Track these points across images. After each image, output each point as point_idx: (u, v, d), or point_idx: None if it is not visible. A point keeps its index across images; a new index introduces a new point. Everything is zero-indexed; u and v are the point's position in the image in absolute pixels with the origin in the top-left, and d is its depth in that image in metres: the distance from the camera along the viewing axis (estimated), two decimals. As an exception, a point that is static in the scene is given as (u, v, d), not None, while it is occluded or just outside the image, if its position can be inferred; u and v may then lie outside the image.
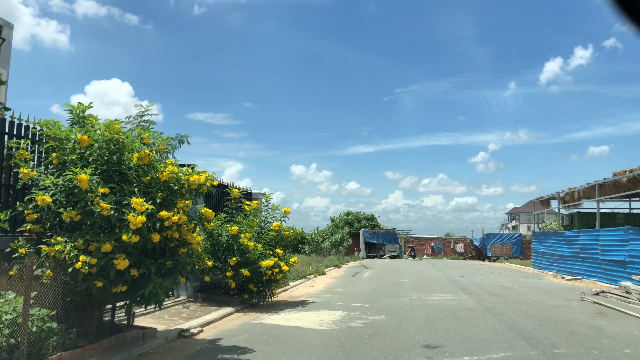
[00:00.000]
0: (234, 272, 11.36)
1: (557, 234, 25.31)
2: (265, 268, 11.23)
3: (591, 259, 20.57)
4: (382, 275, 22.18)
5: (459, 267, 29.13)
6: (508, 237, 41.01)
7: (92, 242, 5.90)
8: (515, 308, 11.65)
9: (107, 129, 6.40)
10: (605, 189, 21.11)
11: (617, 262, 18.15)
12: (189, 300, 11.85)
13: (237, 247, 11.39)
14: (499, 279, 20.78)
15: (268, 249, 11.98)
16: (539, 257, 28.20)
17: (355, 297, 13.69)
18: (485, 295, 14.35)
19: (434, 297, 13.62)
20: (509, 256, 39.69)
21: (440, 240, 45.74)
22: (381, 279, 19.82)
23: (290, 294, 14.79)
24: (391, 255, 41.95)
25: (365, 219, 45.43)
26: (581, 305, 12.68)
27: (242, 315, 10.62)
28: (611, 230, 19.01)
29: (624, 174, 19.12)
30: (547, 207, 29.35)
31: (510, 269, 29.40)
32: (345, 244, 39.43)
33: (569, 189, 25.17)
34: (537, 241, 28.82)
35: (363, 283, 18.21)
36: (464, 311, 11.08)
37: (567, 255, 23.39)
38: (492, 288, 16.46)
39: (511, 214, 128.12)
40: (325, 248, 37.60)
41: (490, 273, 24.52)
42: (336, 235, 38.76)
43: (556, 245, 25.16)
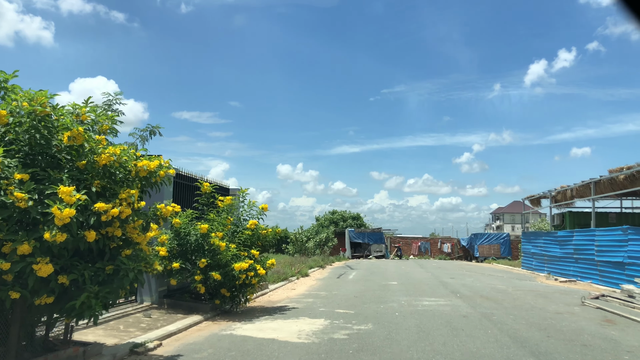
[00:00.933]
0: (203, 276, 10.13)
1: (549, 234, 24.43)
2: (239, 271, 10.02)
3: (586, 260, 19.67)
4: (368, 276, 21.08)
5: (447, 268, 28.15)
6: (496, 237, 40.22)
7: (5, 241, 4.67)
8: (515, 315, 10.59)
9: (31, 101, 5.15)
10: (601, 187, 20.24)
11: (614, 263, 17.24)
12: (153, 307, 10.59)
13: (208, 248, 10.17)
14: (491, 281, 19.80)
15: (243, 250, 10.78)
16: (529, 258, 27.33)
17: (339, 302, 12.54)
18: (479, 299, 13.29)
19: (425, 302, 12.52)
20: (497, 256, 38.89)
21: (427, 240, 44.83)
22: (367, 281, 18.70)
23: (269, 299, 13.60)
24: (377, 255, 40.91)
25: (350, 218, 44.33)
26: (584, 310, 11.68)
27: (212, 325, 9.39)
28: (608, 230, 18.11)
29: (621, 171, 18.24)
30: (537, 205, 28.52)
31: (500, 269, 28.50)
32: (331, 243, 38.27)
33: (562, 187, 24.31)
34: (527, 241, 27.95)
35: (348, 286, 17.08)
36: (460, 319, 9.98)
37: (560, 256, 22.51)
38: (486, 291, 15.43)
39: (495, 214, 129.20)
40: (310, 248, 36.39)
41: (480, 274, 23.56)
42: (321, 235, 37.58)
43: (548, 246, 24.28)
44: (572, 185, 22.76)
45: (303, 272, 21.14)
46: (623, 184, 18.63)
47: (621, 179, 18.41)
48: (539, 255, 25.55)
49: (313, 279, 19.81)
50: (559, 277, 21.59)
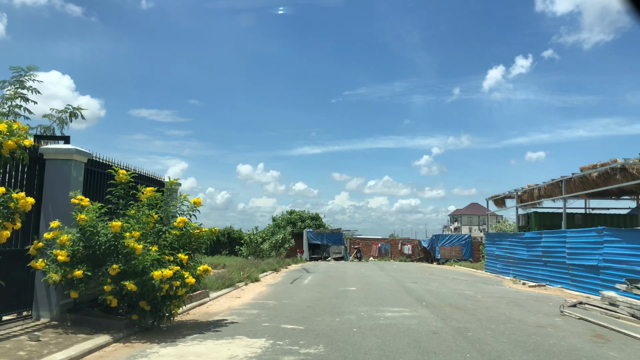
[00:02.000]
0: (115, 286, 8.10)
1: (515, 236, 23.30)
2: (160, 280, 8.02)
3: (556, 264, 18.50)
4: (325, 281, 19.32)
5: (408, 271, 26.72)
6: (457, 238, 39.25)
7: None
8: (493, 330, 9.00)
9: None
10: (571, 186, 19.15)
11: (588, 267, 16.06)
12: (51, 324, 8.45)
13: (122, 251, 8.14)
14: (456, 285, 18.37)
15: (168, 254, 8.78)
16: (493, 260, 26.22)
17: (288, 315, 10.69)
18: (448, 309, 11.70)
19: (388, 314, 10.82)
20: (459, 258, 37.90)
21: (387, 241, 43.54)
22: (324, 287, 16.93)
23: (207, 310, 11.62)
24: (336, 257, 39.27)
25: (309, 219, 42.54)
26: (567, 322, 10.24)
27: (121, 349, 7.37)
28: (581, 231, 16.95)
29: (595, 169, 17.12)
30: (502, 206, 27.47)
31: (463, 272, 27.29)
32: (287, 245, 36.38)
33: (528, 186, 23.24)
34: (491, 243, 26.85)
35: (302, 292, 15.26)
36: (430, 336, 8.31)
37: (527, 259, 21.36)
38: (453, 298, 13.90)
39: (453, 215, 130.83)
40: (265, 250, 34.39)
41: (444, 278, 22.17)
42: (277, 236, 35.62)
43: (514, 248, 23.14)
44: (540, 184, 21.66)
45: (253, 276, 19.18)
46: (595, 182, 17.53)
47: (594, 176, 17.29)
48: (504, 257, 24.42)
49: (263, 285, 17.88)
50: (527, 281, 20.40)
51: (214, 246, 42.47)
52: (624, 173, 15.82)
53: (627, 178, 15.71)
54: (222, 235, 41.23)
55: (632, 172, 15.46)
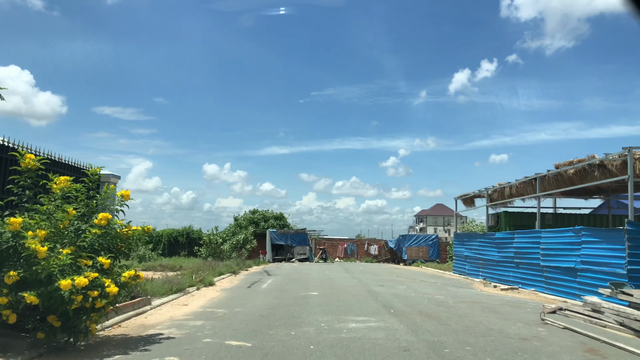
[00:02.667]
0: (12, 297, 6.49)
1: (485, 236, 22.39)
2: (69, 291, 6.45)
3: (529, 265, 17.58)
4: (286, 285, 17.90)
5: (375, 273, 25.55)
6: (424, 238, 38.42)
7: None
8: (472, 345, 7.77)
9: None
10: (544, 184, 18.27)
11: (564, 269, 15.13)
12: None
13: (24, 254, 6.54)
14: (425, 289, 17.23)
15: (87, 257, 7.20)
16: (462, 262, 25.30)
17: (237, 327, 9.23)
18: (419, 318, 10.46)
19: (352, 324, 9.49)
20: (426, 259, 37.04)
21: (354, 242, 42.40)
22: (283, 292, 15.50)
23: (144, 321, 10.03)
24: (301, 258, 37.85)
25: (273, 218, 40.98)
26: (552, 333, 9.12)
27: (12, 379, 5.79)
28: (557, 231, 16.03)
29: (571, 165, 16.23)
30: (471, 205, 26.60)
31: (431, 274, 26.29)
32: (249, 246, 34.75)
33: (499, 184, 22.36)
34: (460, 243, 25.94)
35: (257, 299, 13.80)
36: (400, 354, 7.00)
37: (498, 260, 20.43)
38: (424, 304, 12.70)
39: (419, 216, 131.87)
40: (225, 251, 32.71)
41: (412, 280, 21.06)
42: (238, 236, 33.95)
43: (484, 249, 22.23)
44: (512, 182, 20.76)
45: (207, 280, 17.59)
46: (571, 179, 16.66)
47: (570, 174, 16.41)
48: (473, 258, 23.50)
49: (217, 290, 16.33)
50: (498, 283, 19.46)
51: (172, 247, 40.50)
52: (602, 170, 14.95)
53: (606, 175, 14.85)
54: (181, 235, 39.34)
55: (610, 168, 14.60)
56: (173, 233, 39.14)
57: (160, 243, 39.04)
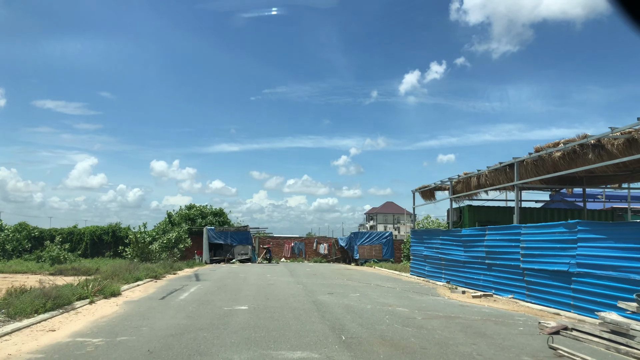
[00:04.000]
0: None
1: (449, 233, 19.56)
2: None
3: (505, 268, 14.77)
4: (211, 295, 14.34)
5: (324, 275, 22.32)
6: (377, 236, 35.53)
7: None
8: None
9: None
10: (521, 171, 15.50)
11: (552, 273, 12.33)
12: None
13: None
14: (384, 297, 14.11)
15: None
16: (421, 262, 22.45)
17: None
18: (383, 350, 7.22)
19: (282, 369, 6.13)
20: (379, 259, 34.19)
21: (301, 240, 39.07)
22: (203, 305, 11.96)
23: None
24: (242, 258, 34.16)
25: (211, 214, 36.95)
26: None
27: None
28: (542, 226, 13.24)
29: (557, 147, 13.48)
30: (430, 198, 23.78)
31: (386, 276, 23.31)
32: (182, 245, 30.83)
33: (465, 174, 19.56)
34: (419, 241, 23.08)
35: (163, 318, 10.22)
36: None
37: (465, 261, 17.60)
38: (385, 324, 9.51)
39: (369, 214, 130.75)
40: (154, 251, 28.69)
41: (366, 285, 17.94)
42: (170, 235, 29.96)
43: (447, 248, 19.39)
44: (482, 170, 17.95)
45: (111, 289, 13.79)
46: (556, 164, 13.92)
47: (556, 157, 13.65)
48: (435, 259, 20.65)
49: (119, 303, 12.59)
50: (466, 288, 16.60)
51: (95, 247, 35.88)
52: (598, 151, 12.23)
53: (603, 157, 12.13)
54: (106, 233, 34.88)
55: (609, 148, 11.88)
56: (97, 231, 34.55)
57: (82, 242, 34.41)
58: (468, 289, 16.37)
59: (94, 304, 12.15)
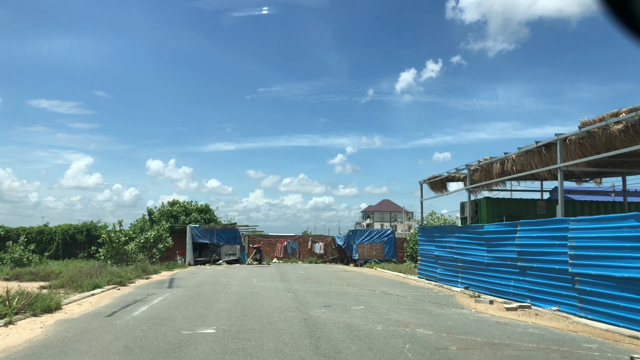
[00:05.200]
0: None
1: (467, 230, 16.58)
2: None
3: (544, 272, 11.81)
4: (176, 309, 11.31)
5: (319, 280, 19.33)
6: (378, 234, 32.53)
7: None
8: None
9: None
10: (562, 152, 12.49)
11: (621, 281, 9.36)
12: None
13: None
14: (395, 311, 11.12)
15: None
16: (431, 264, 19.49)
17: None
18: None
19: None
20: (380, 259, 31.21)
21: (295, 239, 36.04)
22: (156, 327, 8.93)
23: None
24: (230, 259, 31.10)
25: (196, 211, 33.81)
26: None
27: None
28: (603, 219, 10.24)
29: (618, 117, 10.48)
30: (440, 190, 20.80)
31: (391, 280, 20.32)
32: (163, 245, 27.70)
33: (485, 159, 16.57)
34: (429, 240, 20.11)
35: (89, 350, 7.20)
36: None
37: (489, 263, 14.63)
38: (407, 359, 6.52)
39: (366, 212, 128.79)
40: (130, 252, 25.60)
41: (370, 293, 14.96)
42: (147, 234, 26.84)
43: (465, 247, 16.43)
44: (509, 153, 14.94)
45: (44, 304, 10.74)
46: (612, 142, 10.93)
47: (615, 131, 10.66)
48: (448, 259, 17.69)
49: (50, 322, 9.53)
50: (492, 296, 13.65)
51: (68, 247, 32.73)
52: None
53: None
54: (80, 232, 31.73)
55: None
56: (70, 230, 31.38)
57: (53, 242, 31.25)
58: (495, 298, 13.42)
59: (12, 326, 9.10)
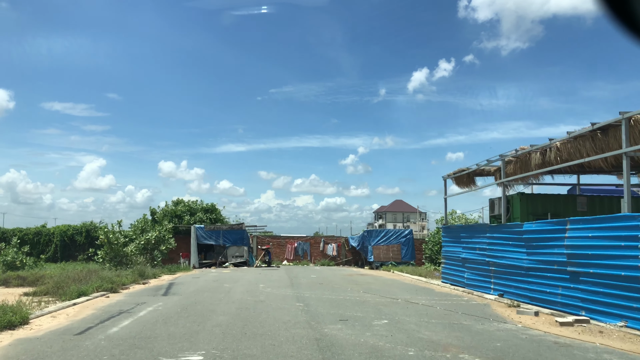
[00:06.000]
0: None
1: (501, 229, 14.60)
2: None
3: (605, 280, 9.81)
4: (163, 324, 9.49)
5: (333, 285, 17.44)
6: (395, 235, 30.52)
7: None
8: None
9: None
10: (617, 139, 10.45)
11: None
12: None
13: None
14: (426, 327, 9.19)
15: None
16: (457, 267, 17.51)
17: None
18: None
19: None
20: (397, 261, 29.22)
21: (306, 240, 34.16)
22: (128, 352, 7.09)
23: None
24: (237, 262, 29.29)
25: (202, 211, 32.02)
26: None
27: None
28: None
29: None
30: (467, 185, 18.80)
31: (413, 285, 18.38)
32: (165, 247, 25.94)
33: (522, 148, 14.57)
34: (454, 240, 18.13)
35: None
36: None
37: (530, 267, 12.65)
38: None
39: (378, 212, 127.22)
40: (130, 254, 23.92)
41: (392, 301, 13.05)
42: (148, 234, 25.10)
43: (499, 248, 14.45)
44: (554, 139, 12.93)
45: (6, 319, 8.97)
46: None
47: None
48: (479, 263, 15.71)
49: (6, 342, 7.74)
50: (535, 305, 11.66)
51: (67, 249, 31.17)
52: None
53: None
54: (79, 233, 30.13)
55: None
56: (68, 230, 29.77)
57: (52, 244, 29.67)
58: (539, 308, 11.44)
59: (-46, 349, 7.31)
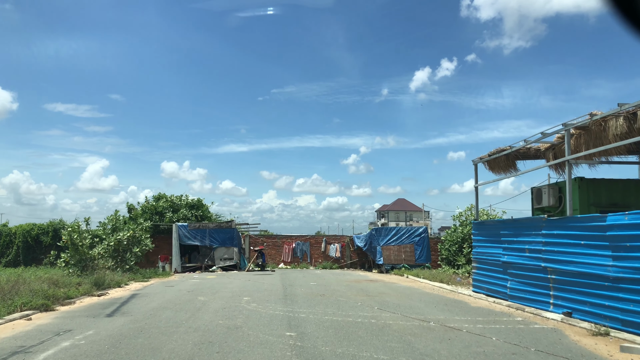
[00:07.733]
0: None
1: (567, 223, 10.82)
2: None
3: None
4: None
5: (337, 298, 13.68)
6: (408, 233, 26.67)
7: None
8: None
9: None
10: None
11: None
12: None
13: None
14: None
15: None
16: (495, 274, 13.75)
17: None
18: None
19: None
20: (410, 264, 25.42)
21: (306, 240, 30.34)
22: None
23: None
24: (225, 265, 25.49)
25: (186, 207, 28.17)
26: None
27: None
28: None
29: None
30: (505, 170, 15.01)
31: (436, 295, 14.60)
32: (139, 248, 22.13)
33: (594, 113, 10.75)
34: (490, 240, 14.38)
35: None
36: None
37: (617, 278, 8.88)
38: None
39: (380, 211, 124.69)
40: (97, 257, 20.18)
41: (423, 327, 9.30)
42: (120, 234, 21.33)
43: (563, 249, 10.68)
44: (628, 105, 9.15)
45: None
46: None
47: None
48: (529, 269, 11.95)
49: None
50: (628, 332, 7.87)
51: (31, 251, 27.40)
52: None
53: None
54: (45, 233, 26.35)
55: None
56: (33, 230, 26.03)
57: (13, 245, 25.93)
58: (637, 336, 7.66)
59: None
